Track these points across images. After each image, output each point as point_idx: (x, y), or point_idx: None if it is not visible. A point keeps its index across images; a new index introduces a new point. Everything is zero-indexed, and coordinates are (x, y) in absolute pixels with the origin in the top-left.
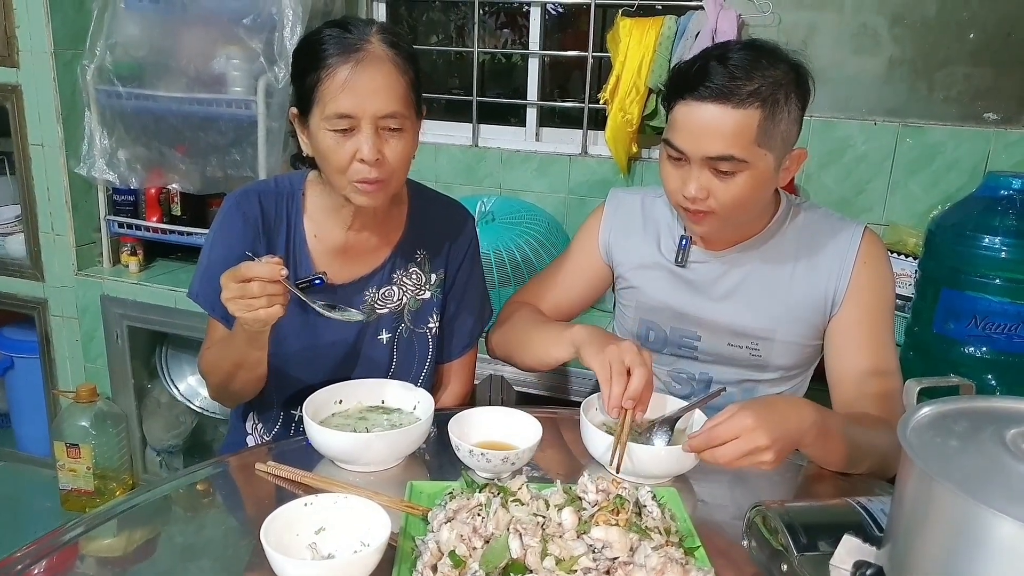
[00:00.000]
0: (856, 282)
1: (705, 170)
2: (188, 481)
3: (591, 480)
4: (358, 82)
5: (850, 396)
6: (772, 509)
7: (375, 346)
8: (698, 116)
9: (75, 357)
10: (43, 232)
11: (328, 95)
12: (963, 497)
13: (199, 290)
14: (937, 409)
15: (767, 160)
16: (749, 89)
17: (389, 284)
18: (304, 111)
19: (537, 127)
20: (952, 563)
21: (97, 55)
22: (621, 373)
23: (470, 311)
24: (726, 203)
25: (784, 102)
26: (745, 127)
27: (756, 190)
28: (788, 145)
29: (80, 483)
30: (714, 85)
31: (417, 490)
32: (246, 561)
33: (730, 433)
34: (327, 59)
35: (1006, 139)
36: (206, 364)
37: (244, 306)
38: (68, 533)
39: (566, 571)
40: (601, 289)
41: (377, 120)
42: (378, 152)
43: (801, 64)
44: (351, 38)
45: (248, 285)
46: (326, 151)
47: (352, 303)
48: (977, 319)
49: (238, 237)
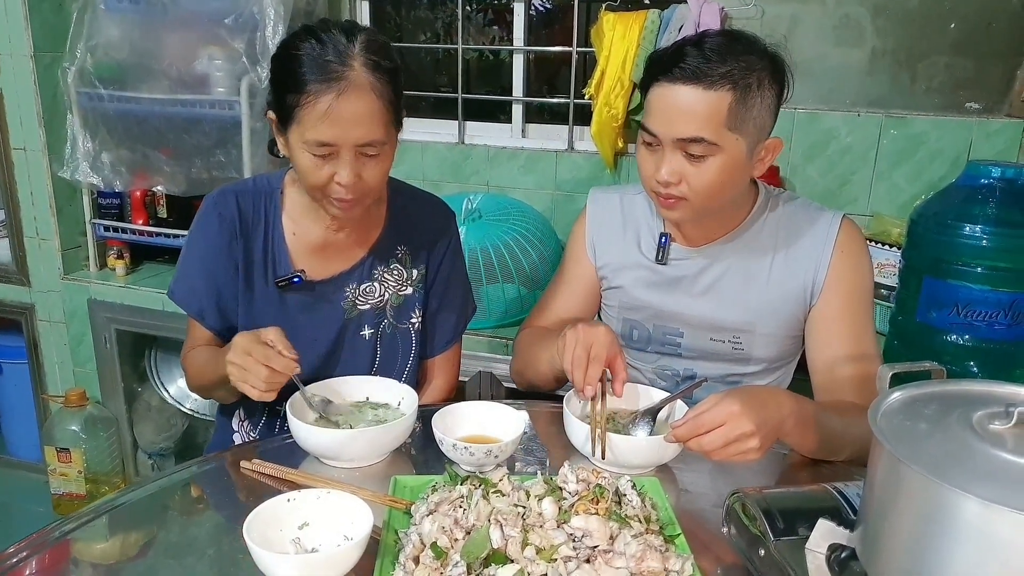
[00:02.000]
0: (834, 272)
1: (677, 153)
2: (175, 480)
3: (572, 470)
4: (339, 112)
5: (831, 384)
6: (750, 496)
7: (358, 342)
8: (671, 98)
9: (64, 362)
10: (28, 237)
11: (308, 121)
12: (929, 479)
13: (176, 289)
14: (908, 394)
15: (739, 145)
16: (721, 71)
17: (370, 280)
18: (282, 122)
19: (523, 123)
20: (921, 543)
21: (78, 57)
22: (580, 359)
23: (453, 306)
24: (698, 189)
25: (757, 88)
26: (716, 109)
27: (728, 176)
28: (762, 133)
29: (72, 487)
30: (687, 67)
31: (401, 484)
32: (232, 557)
33: (716, 420)
34: (306, 84)
35: (988, 128)
36: (190, 366)
37: (239, 376)
38: (55, 532)
39: (546, 560)
40: (600, 293)
41: (356, 148)
42: (356, 176)
43: (778, 55)
44: (332, 63)
45: (257, 365)
46: (304, 170)
47: (332, 299)
48: (959, 307)
49: (214, 236)
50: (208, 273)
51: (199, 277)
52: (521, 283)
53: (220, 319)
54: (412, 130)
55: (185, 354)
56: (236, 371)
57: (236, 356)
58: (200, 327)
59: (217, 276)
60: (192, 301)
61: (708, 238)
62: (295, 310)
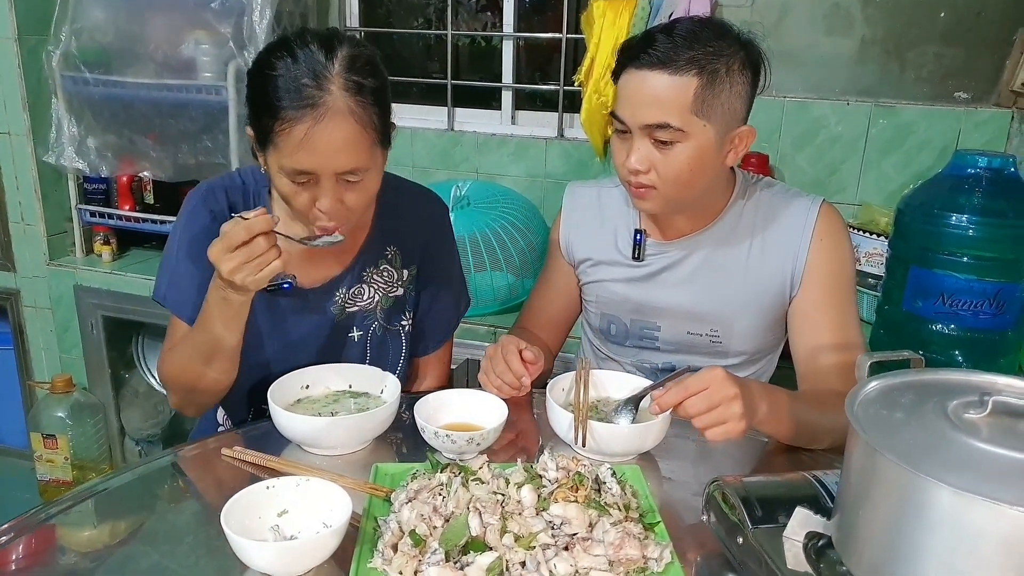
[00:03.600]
0: (813, 261)
1: (646, 140)
2: (157, 466)
3: (551, 458)
4: (316, 141)
5: (815, 373)
6: (730, 484)
7: (348, 344)
8: (638, 84)
9: (50, 348)
10: (13, 222)
11: (285, 148)
12: (904, 468)
13: (167, 292)
14: (885, 383)
15: (706, 132)
16: (687, 56)
17: (359, 283)
18: (260, 142)
19: (513, 110)
20: (895, 531)
21: (62, 41)
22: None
23: (447, 304)
24: (667, 177)
25: (726, 74)
26: (681, 94)
27: (697, 163)
28: (732, 120)
29: (58, 474)
30: (654, 53)
31: (382, 472)
32: (212, 545)
33: (700, 385)
34: (281, 110)
35: (976, 118)
36: (170, 367)
37: (255, 267)
38: (38, 515)
39: (525, 547)
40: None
41: (337, 175)
42: (338, 202)
43: (751, 43)
44: (307, 86)
45: (253, 245)
46: (284, 195)
47: (322, 305)
48: (945, 297)
49: (206, 233)
50: (200, 272)
51: (190, 278)
52: (510, 271)
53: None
54: (401, 116)
55: (163, 359)
56: (245, 270)
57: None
58: (183, 329)
59: (209, 275)
60: (186, 306)
61: (684, 231)
62: (285, 311)
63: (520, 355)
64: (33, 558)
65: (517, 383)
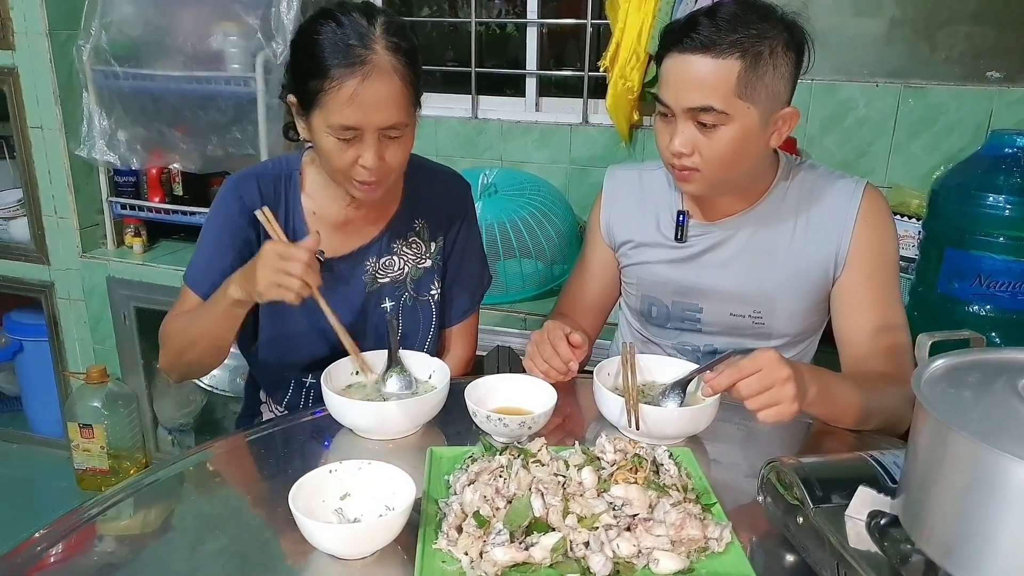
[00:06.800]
0: (857, 242)
1: (689, 123)
2: (203, 457)
3: (609, 441)
4: (364, 97)
5: (860, 355)
6: (787, 465)
7: (380, 315)
8: (682, 68)
9: (84, 339)
10: (46, 215)
11: (333, 106)
12: (978, 444)
13: (188, 272)
14: (950, 362)
15: (751, 114)
16: (730, 39)
17: (389, 254)
18: (304, 106)
19: (537, 97)
20: (967, 508)
21: (92, 35)
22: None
23: (470, 276)
24: (711, 159)
25: (769, 56)
26: (725, 77)
27: (741, 146)
28: (776, 102)
29: (95, 463)
30: (698, 36)
31: (437, 455)
32: (270, 530)
33: (753, 367)
34: (330, 69)
35: (1008, 97)
36: (169, 330)
37: (274, 281)
38: (84, 513)
39: (588, 528)
40: (619, 275)
41: (380, 131)
42: (380, 158)
43: (795, 23)
44: (355, 47)
45: (288, 264)
46: (328, 153)
47: (353, 274)
48: (981, 278)
49: (233, 220)
50: (222, 256)
51: (212, 260)
52: (538, 257)
53: None
54: (425, 105)
55: (167, 320)
56: (274, 278)
57: (272, 266)
58: (192, 299)
59: (231, 259)
60: (203, 285)
61: (727, 212)
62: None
63: (567, 339)
64: (85, 548)
65: (564, 368)
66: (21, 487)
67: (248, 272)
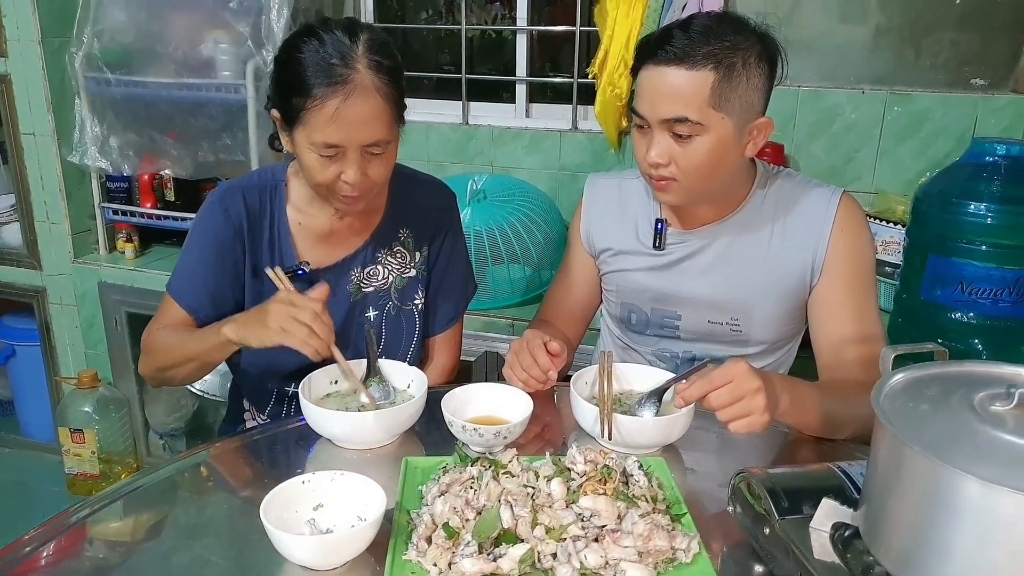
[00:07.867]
0: (834, 251)
1: (665, 134)
2: (190, 463)
3: (579, 451)
4: (346, 116)
5: (835, 363)
6: (755, 475)
7: (364, 324)
8: (657, 80)
9: (75, 344)
10: (39, 221)
11: (315, 124)
12: (932, 459)
13: (172, 283)
14: (911, 375)
15: (725, 125)
16: (704, 51)
17: (374, 263)
18: (287, 122)
19: (527, 103)
20: (923, 522)
21: (84, 42)
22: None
23: (454, 285)
24: (687, 170)
25: (742, 67)
26: (699, 88)
27: (717, 156)
28: (750, 112)
29: (85, 467)
30: (672, 48)
31: (412, 466)
32: (247, 538)
33: (724, 378)
34: (312, 88)
35: (993, 104)
36: (156, 343)
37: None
38: (73, 515)
39: (556, 539)
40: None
41: (363, 147)
42: (362, 174)
43: (768, 34)
44: (336, 65)
45: (300, 326)
46: (311, 169)
47: (338, 284)
48: (963, 285)
49: (219, 231)
50: (205, 266)
51: (196, 270)
52: (527, 264)
53: (214, 313)
54: (416, 111)
55: (150, 331)
56: (283, 323)
57: (282, 311)
58: (175, 308)
59: (214, 270)
60: (185, 294)
61: (705, 220)
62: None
63: (546, 348)
64: (71, 551)
65: (543, 377)
66: (12, 491)
67: (251, 318)
